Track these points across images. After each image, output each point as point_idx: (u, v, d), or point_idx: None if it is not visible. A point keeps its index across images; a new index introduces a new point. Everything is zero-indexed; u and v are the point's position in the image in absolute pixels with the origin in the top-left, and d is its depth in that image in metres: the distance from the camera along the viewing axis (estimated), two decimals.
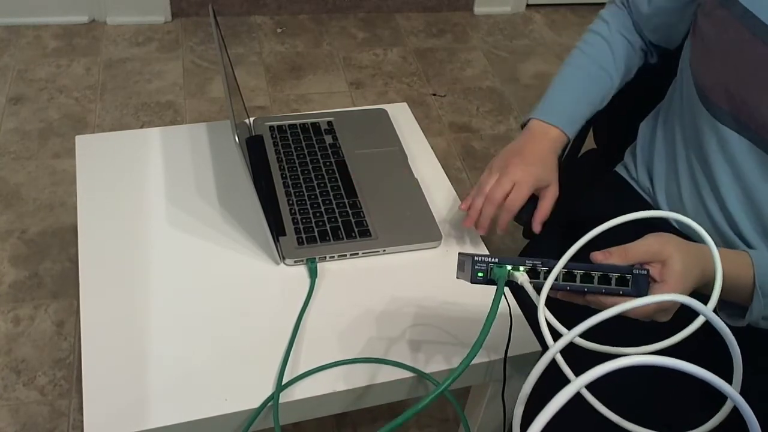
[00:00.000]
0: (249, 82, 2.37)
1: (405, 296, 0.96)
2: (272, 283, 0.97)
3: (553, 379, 0.68)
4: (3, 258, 1.74)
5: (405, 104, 1.32)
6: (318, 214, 1.04)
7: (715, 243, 0.95)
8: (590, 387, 0.65)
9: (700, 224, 0.96)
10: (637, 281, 0.70)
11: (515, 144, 1.02)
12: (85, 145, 1.16)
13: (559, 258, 0.72)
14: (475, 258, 0.71)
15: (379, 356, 0.89)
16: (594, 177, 1.20)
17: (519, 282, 0.70)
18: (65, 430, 1.42)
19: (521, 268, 0.71)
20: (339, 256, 1.00)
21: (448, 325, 0.93)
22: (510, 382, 0.90)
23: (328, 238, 1.01)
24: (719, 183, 0.94)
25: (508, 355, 0.89)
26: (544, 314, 0.67)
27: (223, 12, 2.65)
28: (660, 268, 0.72)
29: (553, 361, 0.70)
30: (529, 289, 0.70)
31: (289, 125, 1.21)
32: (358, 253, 1.01)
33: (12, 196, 1.90)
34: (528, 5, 2.90)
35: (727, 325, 0.83)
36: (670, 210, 1.02)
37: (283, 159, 1.14)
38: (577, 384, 0.48)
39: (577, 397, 0.65)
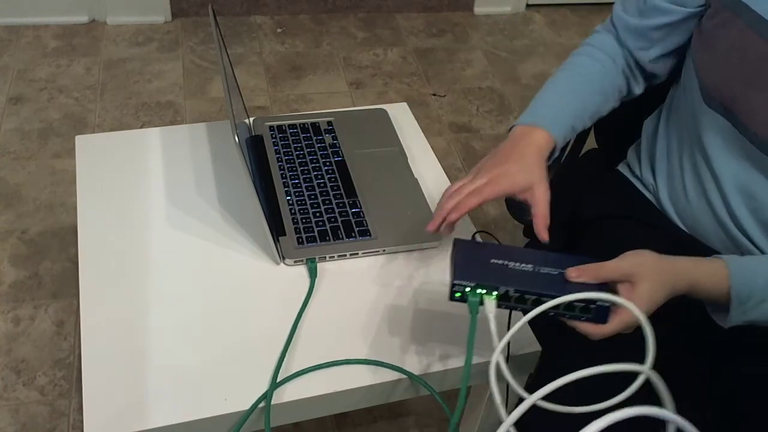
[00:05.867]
0: (249, 82, 2.37)
1: (405, 296, 0.96)
2: (272, 283, 0.97)
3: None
4: (3, 258, 1.74)
5: (405, 104, 1.31)
6: (318, 214, 1.04)
7: (719, 237, 0.97)
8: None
9: (703, 219, 0.97)
10: (599, 311, 0.73)
11: (495, 150, 0.93)
12: (85, 145, 1.16)
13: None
14: (454, 282, 0.75)
15: (376, 357, 0.89)
16: (595, 176, 1.20)
17: (486, 312, 0.74)
18: (65, 430, 1.42)
19: (494, 293, 0.74)
20: (339, 256, 1.00)
21: (447, 325, 0.93)
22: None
23: (327, 238, 1.01)
24: (721, 180, 0.94)
25: (509, 354, 0.89)
26: (495, 383, 0.67)
27: (223, 12, 2.65)
28: (629, 288, 0.76)
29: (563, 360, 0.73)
30: (492, 327, 0.73)
31: (289, 125, 1.21)
32: (357, 253, 1.01)
33: (12, 196, 1.90)
34: (528, 5, 2.90)
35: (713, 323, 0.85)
36: (673, 205, 1.03)
37: (283, 159, 1.14)
38: None
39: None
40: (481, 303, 0.75)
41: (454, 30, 2.75)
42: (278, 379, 0.85)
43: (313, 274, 0.97)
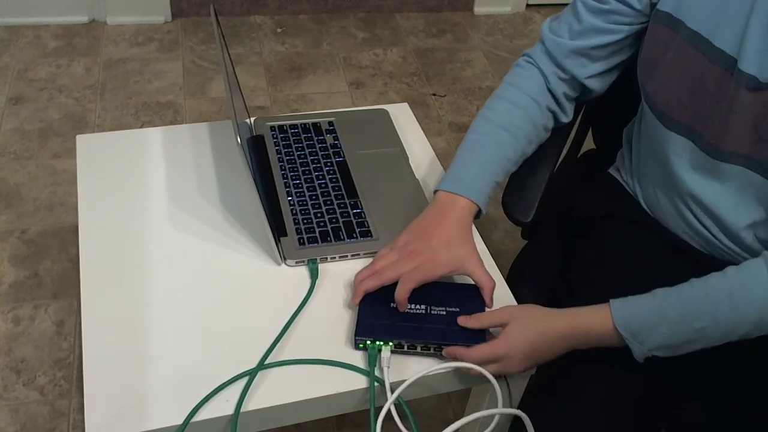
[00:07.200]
0: (249, 82, 2.37)
1: None
2: (273, 283, 0.97)
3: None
4: (3, 258, 1.74)
5: (405, 104, 1.31)
6: (319, 215, 1.04)
7: (693, 239, 1.01)
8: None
9: (674, 223, 1.02)
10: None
11: (422, 219, 0.96)
12: (86, 145, 1.16)
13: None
14: (356, 337, 0.87)
15: (366, 359, 0.89)
16: (593, 176, 1.21)
17: (382, 363, 0.86)
18: (65, 430, 1.42)
19: (390, 343, 0.86)
20: (340, 256, 1.00)
21: None
22: (508, 382, 0.90)
23: (329, 238, 1.01)
24: (684, 190, 0.97)
25: None
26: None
27: (223, 12, 2.65)
28: (502, 330, 0.88)
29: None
30: (386, 377, 0.85)
31: (290, 125, 1.21)
32: (359, 254, 1.01)
33: (12, 196, 1.90)
34: (528, 5, 2.90)
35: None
36: (650, 209, 1.06)
37: (284, 159, 1.14)
38: None
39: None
40: (380, 350, 0.87)
41: (454, 30, 2.75)
42: (256, 382, 0.85)
43: (314, 274, 0.97)
